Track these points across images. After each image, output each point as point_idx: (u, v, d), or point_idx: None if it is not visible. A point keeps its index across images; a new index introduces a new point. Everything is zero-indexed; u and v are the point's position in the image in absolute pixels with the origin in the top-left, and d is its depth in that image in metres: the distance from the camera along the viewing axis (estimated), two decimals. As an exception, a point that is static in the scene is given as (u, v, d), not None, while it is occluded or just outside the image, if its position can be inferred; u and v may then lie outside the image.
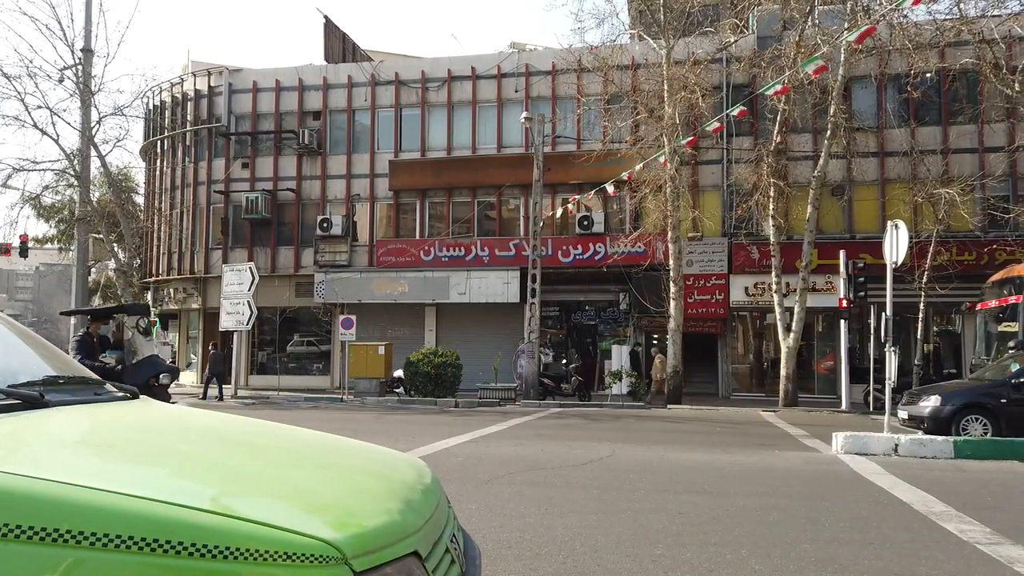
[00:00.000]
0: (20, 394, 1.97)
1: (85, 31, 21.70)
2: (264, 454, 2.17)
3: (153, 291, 31.45)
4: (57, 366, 2.55)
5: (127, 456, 1.86)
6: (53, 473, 1.49)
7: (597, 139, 23.14)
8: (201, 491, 1.63)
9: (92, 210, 23.68)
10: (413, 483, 2.13)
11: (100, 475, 1.57)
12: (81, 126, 22.13)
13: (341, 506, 1.77)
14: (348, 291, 25.43)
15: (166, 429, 2.26)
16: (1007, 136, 21.84)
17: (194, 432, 2.29)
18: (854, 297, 18.40)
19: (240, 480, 1.80)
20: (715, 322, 23.57)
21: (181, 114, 28.78)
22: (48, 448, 1.78)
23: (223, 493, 1.66)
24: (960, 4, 18.79)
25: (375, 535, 1.63)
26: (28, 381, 2.20)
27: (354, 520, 1.66)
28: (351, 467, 2.22)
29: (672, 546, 5.03)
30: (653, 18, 20.84)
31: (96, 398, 2.35)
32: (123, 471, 1.70)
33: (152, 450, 1.97)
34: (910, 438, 10.31)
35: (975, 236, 21.47)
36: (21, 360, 2.51)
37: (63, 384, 2.35)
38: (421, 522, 1.87)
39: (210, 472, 1.83)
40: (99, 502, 1.43)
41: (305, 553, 1.45)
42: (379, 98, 26.72)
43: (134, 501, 1.45)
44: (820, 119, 21.46)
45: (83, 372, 2.66)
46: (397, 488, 2.02)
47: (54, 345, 2.93)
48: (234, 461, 1.99)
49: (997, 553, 4.95)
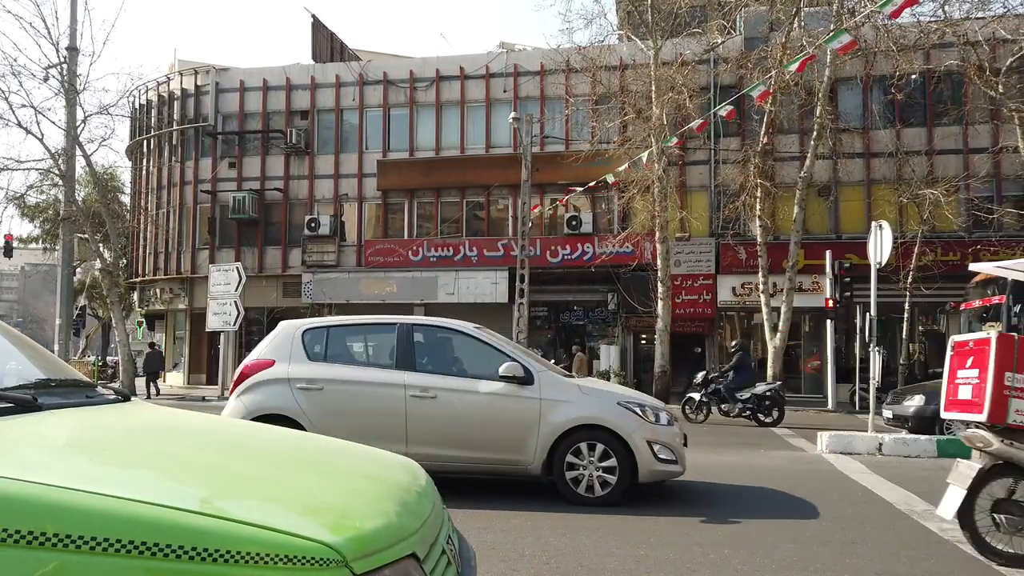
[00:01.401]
0: (12, 397, 1.95)
1: (70, 29, 21.49)
2: (258, 456, 2.16)
3: (139, 291, 31.26)
4: (48, 369, 2.52)
5: (121, 459, 1.85)
6: (46, 477, 1.47)
7: (585, 139, 23.19)
8: (197, 494, 1.61)
9: (77, 210, 23.44)
10: (408, 485, 2.13)
11: (94, 478, 1.56)
12: (66, 125, 21.92)
13: (338, 508, 1.76)
14: (336, 291, 25.36)
15: (159, 432, 2.24)
16: (991, 137, 22.04)
17: (187, 435, 2.27)
18: (840, 297, 18.51)
19: (236, 483, 1.79)
20: (703, 322, 23.66)
21: (168, 113, 28.61)
22: (41, 452, 1.76)
23: (219, 496, 1.64)
24: (944, 6, 18.96)
25: (373, 537, 1.62)
26: (20, 384, 2.18)
27: (352, 522, 1.65)
28: (345, 469, 2.20)
29: (656, 547, 5.05)
30: (641, 19, 20.90)
31: (88, 401, 2.32)
32: (117, 474, 1.69)
33: (146, 453, 1.95)
34: (894, 437, 10.39)
35: (959, 236, 21.65)
36: (10, 363, 2.49)
37: (55, 387, 2.33)
38: (418, 524, 1.87)
39: (205, 475, 1.82)
40: (94, 506, 1.42)
41: (305, 556, 1.45)
42: (367, 98, 26.66)
43: (129, 504, 1.44)
44: (807, 120, 21.58)
45: (74, 375, 2.64)
46: (392, 490, 2.01)
47: (41, 346, 2.92)
48: (229, 464, 1.98)
49: (976, 552, 4.99)
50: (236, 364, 26.36)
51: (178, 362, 28.80)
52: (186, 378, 27.66)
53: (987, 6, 18.90)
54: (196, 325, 27.11)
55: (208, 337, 26.27)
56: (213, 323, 22.74)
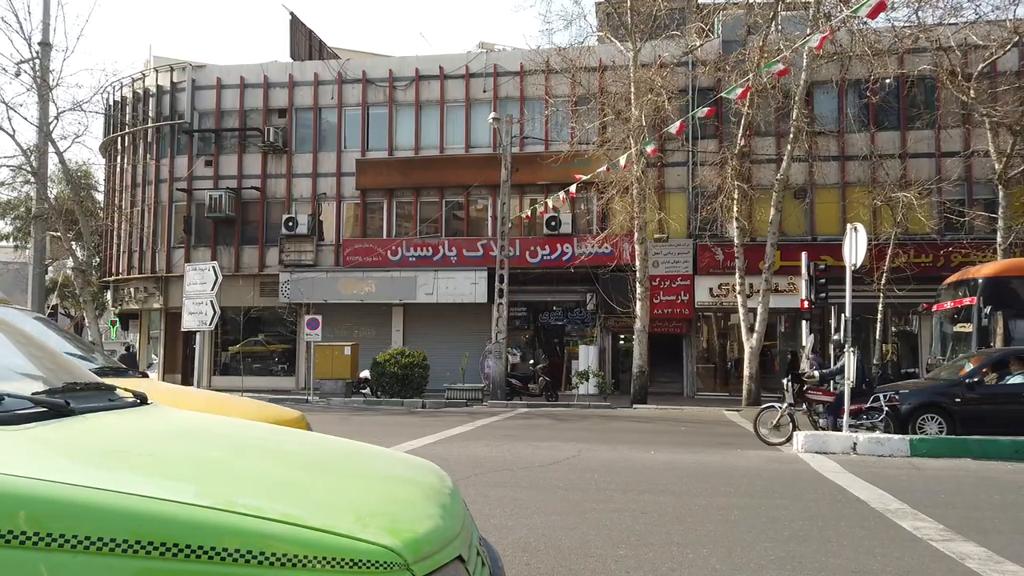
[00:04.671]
0: (48, 402, 1.94)
1: (43, 24, 21.09)
2: (290, 460, 2.15)
3: (113, 290, 30.83)
4: (67, 371, 2.49)
5: (169, 465, 1.83)
6: (115, 484, 1.47)
7: (565, 140, 23.25)
8: (253, 499, 1.60)
9: (50, 207, 23.05)
10: (440, 488, 2.13)
11: (161, 486, 1.55)
12: (38, 121, 21.56)
13: (387, 512, 1.76)
14: (314, 291, 25.19)
15: (189, 436, 2.23)
16: (963, 141, 22.42)
17: (216, 439, 2.26)
18: (815, 298, 18.71)
19: (283, 488, 1.78)
20: (680, 322, 23.83)
21: (143, 110, 28.23)
22: (91, 456, 1.75)
23: (274, 501, 1.63)
24: (918, 12, 19.26)
25: (427, 541, 1.63)
26: (49, 388, 2.17)
27: (406, 526, 1.65)
28: (380, 473, 2.19)
29: (635, 546, 5.08)
30: (620, 21, 21.00)
31: (111, 404, 2.30)
32: (177, 482, 1.67)
33: (187, 458, 1.94)
34: (868, 437, 10.53)
35: (932, 239, 22.02)
36: (30, 364, 2.46)
37: (79, 390, 2.30)
38: (459, 527, 1.88)
39: (251, 480, 1.81)
40: (173, 514, 1.42)
41: (370, 560, 1.45)
42: (346, 96, 26.51)
43: (205, 512, 1.44)
44: (783, 123, 21.82)
45: (92, 377, 2.61)
46: (429, 494, 2.01)
47: (51, 346, 2.88)
48: (268, 468, 1.98)
49: (949, 549, 5.08)
50: (212, 364, 26.21)
51: (152, 362, 28.44)
52: (160, 378, 27.30)
53: (959, 12, 19.21)
54: (171, 325, 26.79)
55: (184, 337, 25.96)
56: (189, 323, 22.40)
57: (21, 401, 1.89)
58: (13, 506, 1.37)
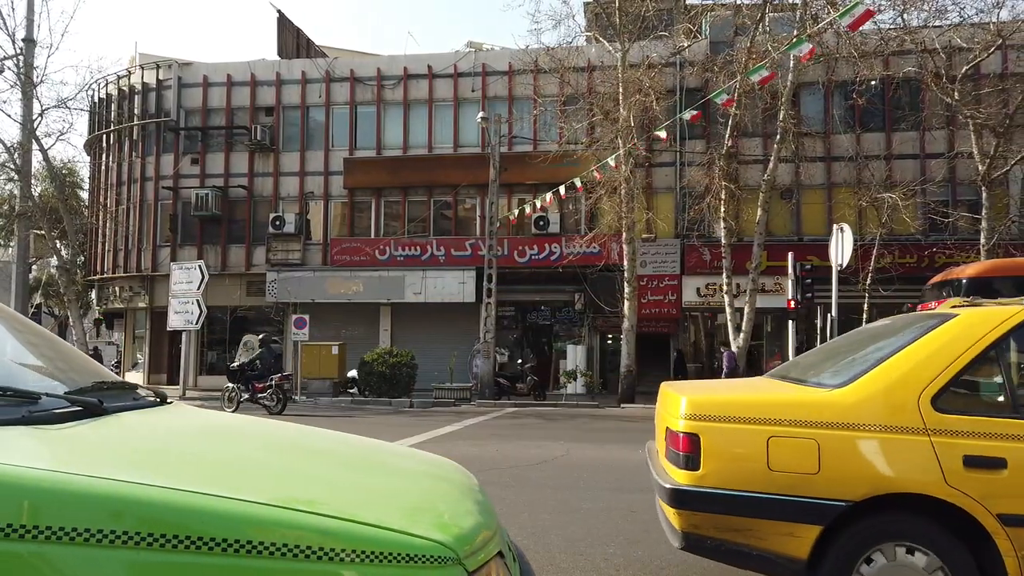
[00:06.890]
0: (83, 401, 1.95)
1: (27, 20, 20.91)
2: (324, 458, 2.16)
3: (98, 289, 30.60)
4: (89, 371, 2.49)
5: (209, 463, 1.84)
6: (172, 482, 1.48)
7: (553, 140, 23.29)
8: (302, 495, 1.61)
9: (33, 205, 22.83)
10: (470, 485, 2.16)
11: (219, 485, 1.55)
12: (22, 118, 21.36)
13: (431, 508, 1.79)
14: (301, 290, 25.10)
15: (220, 435, 2.24)
16: (947, 143, 22.62)
17: (245, 437, 2.28)
18: (801, 298, 18.82)
19: (326, 485, 1.80)
20: (668, 322, 23.92)
21: (128, 108, 28.00)
22: (136, 455, 1.76)
23: (323, 497, 1.64)
24: (903, 15, 19.42)
25: (473, 536, 1.66)
26: (80, 388, 2.18)
27: (452, 522, 1.68)
28: (413, 471, 2.21)
29: (624, 544, 5.10)
30: (608, 21, 21.05)
31: (136, 404, 2.30)
32: (232, 480, 1.67)
33: (225, 457, 1.96)
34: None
35: (916, 239, 22.22)
36: (57, 363, 2.46)
37: (107, 390, 2.32)
38: (495, 522, 1.91)
39: (305, 478, 1.83)
40: (242, 512, 1.44)
41: (425, 554, 1.48)
42: (334, 95, 26.42)
43: (263, 509, 1.46)
44: (770, 124, 21.94)
45: (113, 376, 2.62)
46: (463, 490, 2.04)
47: (66, 343, 2.88)
48: (306, 466, 2.00)
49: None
50: (198, 364, 26.06)
51: (137, 362, 28.24)
52: (146, 378, 27.12)
53: (944, 15, 19.39)
54: (157, 324, 26.61)
55: (170, 336, 25.81)
56: (175, 322, 22.36)
57: (58, 400, 1.90)
58: (103, 505, 1.38)
